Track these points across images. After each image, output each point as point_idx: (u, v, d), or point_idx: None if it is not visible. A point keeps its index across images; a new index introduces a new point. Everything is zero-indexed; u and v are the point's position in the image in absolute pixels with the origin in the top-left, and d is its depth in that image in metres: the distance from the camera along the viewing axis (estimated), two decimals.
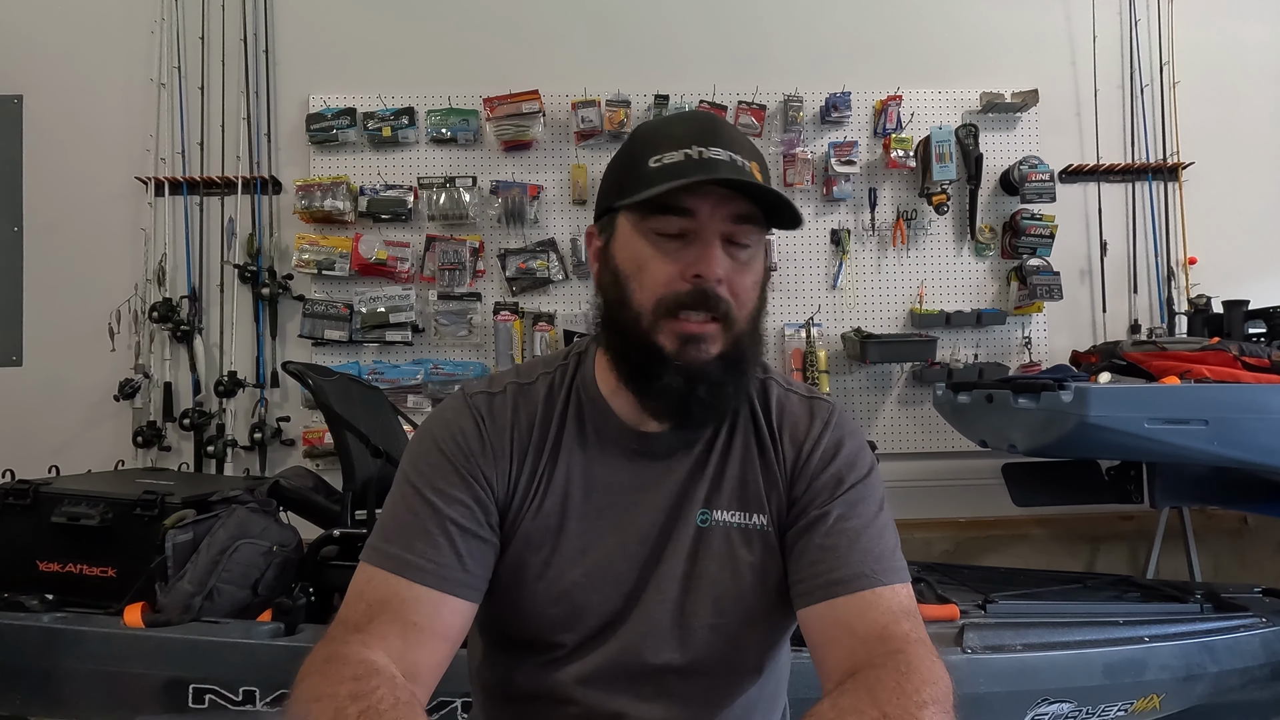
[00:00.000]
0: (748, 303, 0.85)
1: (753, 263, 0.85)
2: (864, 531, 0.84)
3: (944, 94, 3.17)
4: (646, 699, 0.87)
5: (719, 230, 0.82)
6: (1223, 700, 1.88)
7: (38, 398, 3.00)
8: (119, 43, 3.06)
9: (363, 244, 2.96)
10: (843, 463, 0.89)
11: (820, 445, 0.90)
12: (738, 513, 0.89)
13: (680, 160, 0.81)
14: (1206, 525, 2.98)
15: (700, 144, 0.82)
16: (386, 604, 0.79)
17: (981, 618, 1.92)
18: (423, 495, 0.84)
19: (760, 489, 0.90)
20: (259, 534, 1.94)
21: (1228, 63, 3.24)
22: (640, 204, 0.82)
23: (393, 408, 2.53)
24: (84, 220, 3.04)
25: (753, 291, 0.86)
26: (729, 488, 0.90)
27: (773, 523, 0.89)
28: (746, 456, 0.91)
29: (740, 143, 0.85)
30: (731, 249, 0.83)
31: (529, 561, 0.86)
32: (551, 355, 0.98)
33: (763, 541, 0.88)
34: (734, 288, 0.83)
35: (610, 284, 0.87)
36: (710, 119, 0.87)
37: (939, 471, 3.08)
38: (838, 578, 0.81)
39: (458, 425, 0.88)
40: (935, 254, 3.14)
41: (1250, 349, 2.20)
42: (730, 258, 0.83)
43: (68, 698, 1.74)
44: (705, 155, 0.81)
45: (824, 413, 0.93)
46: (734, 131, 0.87)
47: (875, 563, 0.82)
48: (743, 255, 0.84)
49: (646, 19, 3.16)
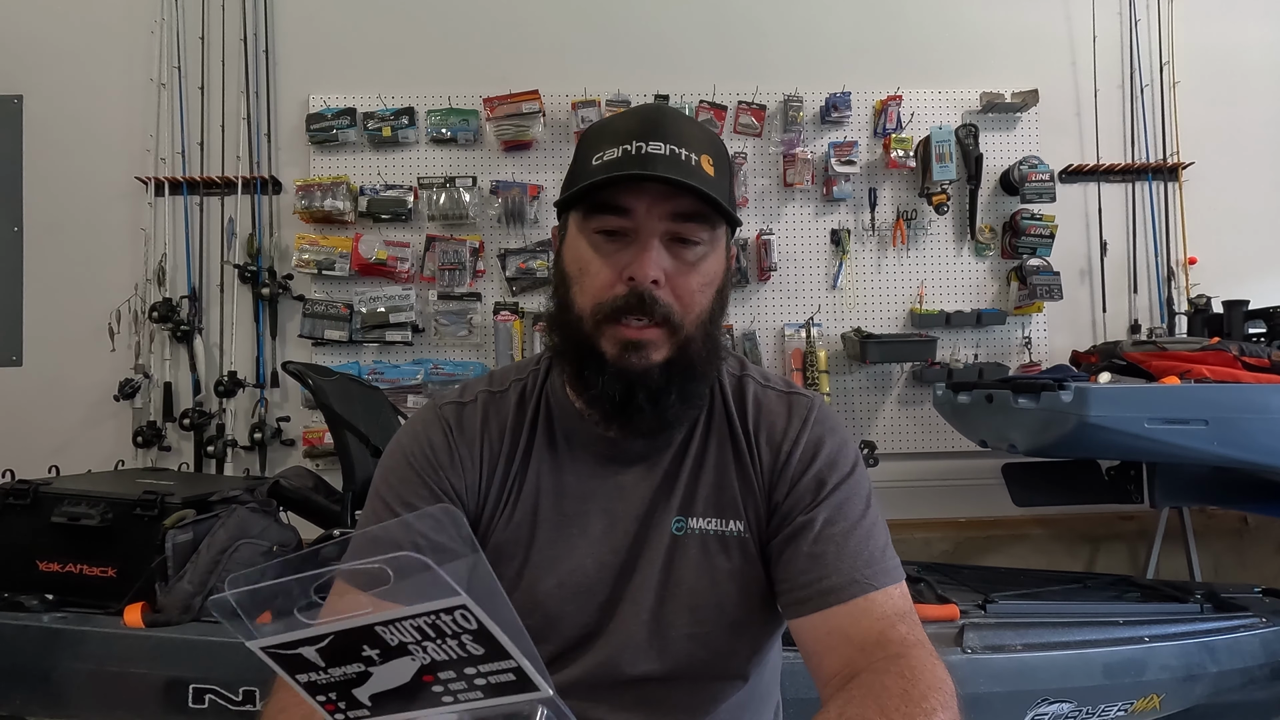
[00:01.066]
0: (695, 306, 0.81)
1: (702, 263, 0.81)
2: (852, 534, 0.81)
3: (944, 94, 3.17)
4: (627, 708, 0.85)
5: (659, 228, 0.78)
6: (1223, 700, 1.88)
7: (38, 398, 3.00)
8: (119, 43, 3.06)
9: (363, 244, 2.96)
10: (824, 463, 0.86)
11: (799, 445, 0.87)
12: (714, 519, 0.86)
13: (618, 157, 0.77)
14: (1206, 525, 2.98)
15: (640, 138, 0.77)
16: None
17: (981, 618, 1.92)
18: (392, 509, 0.83)
19: (736, 494, 0.87)
20: (259, 534, 1.94)
21: (1228, 63, 3.24)
22: (582, 203, 0.79)
23: (393, 408, 2.53)
24: (84, 220, 3.04)
25: (702, 294, 0.81)
26: (704, 494, 0.87)
27: (750, 529, 0.86)
28: (721, 461, 0.88)
29: (689, 135, 0.80)
30: (677, 248, 0.80)
31: (502, 573, 0.84)
32: (525, 361, 0.95)
33: (741, 548, 0.86)
34: (677, 290, 0.79)
35: (559, 284, 0.85)
36: (656, 111, 0.83)
37: (939, 471, 3.08)
38: (829, 586, 0.79)
39: (426, 437, 0.87)
40: (935, 254, 3.14)
41: (1250, 349, 2.19)
42: (675, 258, 0.79)
43: (68, 698, 1.75)
44: (643, 150, 0.77)
45: (802, 409, 0.89)
46: (684, 123, 0.82)
47: (866, 567, 0.80)
48: (689, 255, 0.80)
49: (646, 19, 3.16)
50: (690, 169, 0.77)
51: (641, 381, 0.79)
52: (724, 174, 0.82)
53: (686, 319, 0.80)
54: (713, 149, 0.82)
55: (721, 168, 0.81)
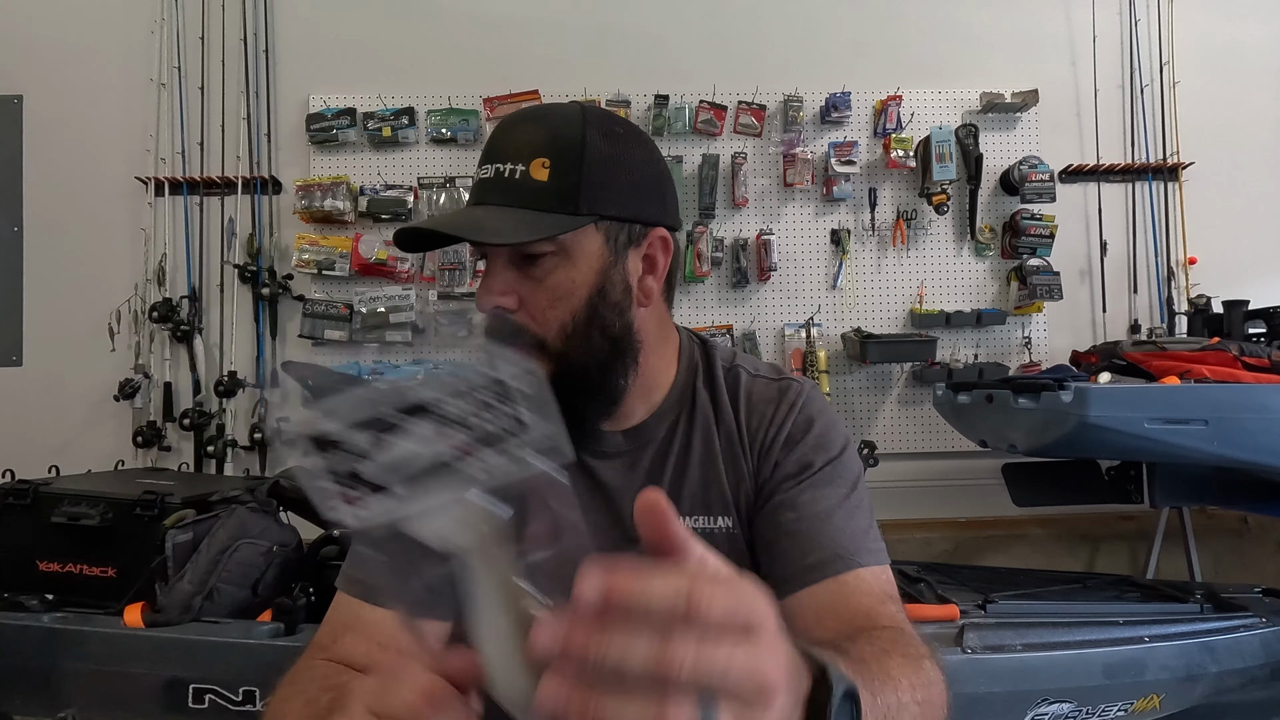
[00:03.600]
0: (554, 320, 0.78)
1: (551, 276, 0.78)
2: (835, 512, 0.80)
3: (944, 94, 3.16)
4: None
5: (501, 252, 0.77)
6: (1223, 700, 1.88)
7: (38, 398, 3.00)
8: (119, 43, 3.06)
9: (363, 244, 2.96)
10: (811, 443, 0.85)
11: (786, 426, 0.86)
12: (701, 517, 0.85)
13: (472, 184, 0.80)
14: (1206, 525, 2.98)
15: (486, 159, 0.79)
16: (350, 627, 0.78)
17: (981, 618, 1.92)
18: None
19: (725, 489, 0.86)
20: (259, 534, 1.94)
21: (1228, 63, 3.24)
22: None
23: None
24: (84, 220, 3.04)
25: (556, 307, 0.78)
26: (690, 491, 0.86)
27: (740, 523, 0.85)
28: (708, 455, 0.87)
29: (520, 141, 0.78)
30: (527, 266, 0.78)
31: None
32: None
33: (729, 545, 0.84)
34: (530, 308, 0.78)
35: None
36: (508, 122, 0.81)
37: (939, 471, 3.08)
38: (812, 562, 0.78)
39: None
40: (935, 254, 3.14)
41: (1250, 349, 2.19)
42: (526, 276, 0.78)
43: (68, 698, 1.74)
44: (482, 177, 0.78)
45: (793, 393, 0.89)
46: (522, 128, 0.79)
47: (850, 542, 0.79)
48: (535, 271, 0.78)
49: (646, 19, 3.16)
50: (510, 185, 0.76)
51: None
52: (570, 167, 0.76)
53: (548, 337, 0.78)
54: (553, 143, 0.77)
55: (566, 159, 0.76)
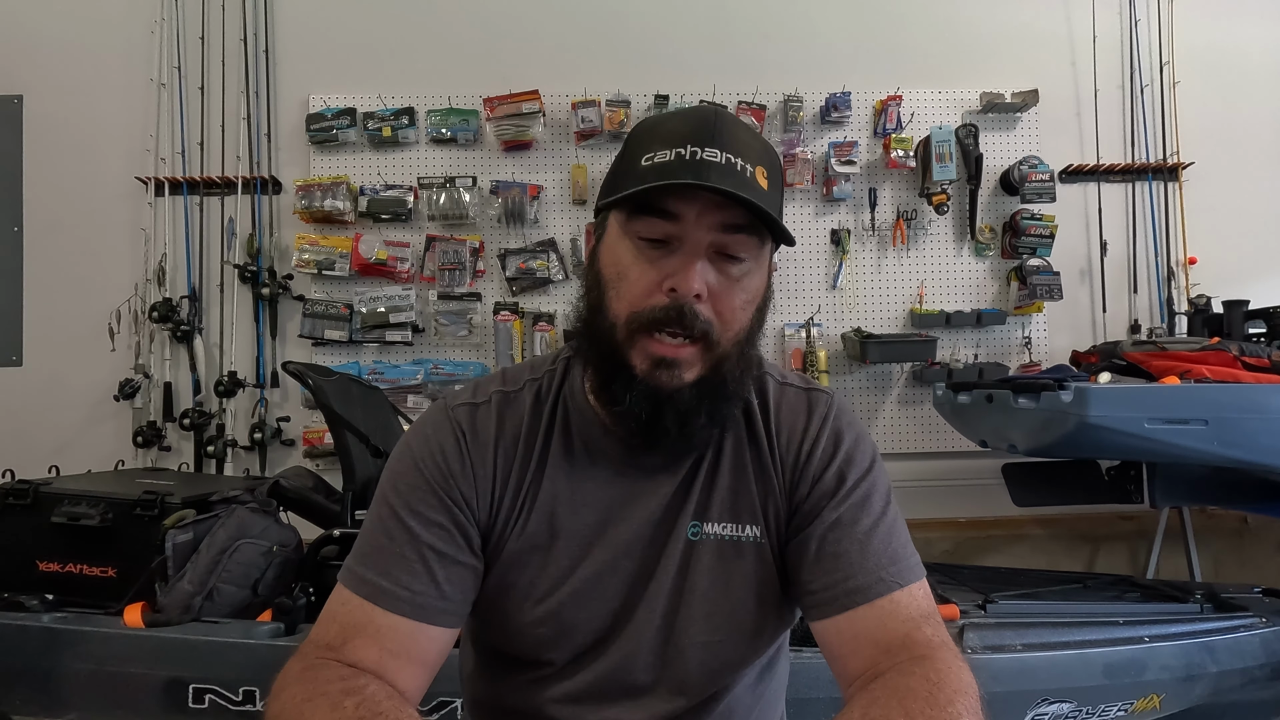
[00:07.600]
0: (735, 324, 0.77)
1: (746, 279, 0.77)
2: (874, 532, 0.80)
3: (944, 94, 3.16)
4: (637, 715, 0.84)
5: (706, 239, 0.74)
6: (1223, 700, 1.88)
7: (38, 398, 3.00)
8: (119, 43, 3.06)
9: (363, 244, 2.96)
10: (843, 459, 0.84)
11: (820, 443, 0.85)
12: (729, 524, 0.84)
13: (670, 160, 0.73)
14: (1206, 525, 2.98)
15: (695, 143, 0.73)
16: (362, 629, 0.76)
17: (981, 618, 1.93)
18: (400, 518, 0.79)
19: (754, 498, 0.85)
20: (259, 534, 1.94)
21: (1228, 63, 3.24)
22: (626, 204, 0.76)
23: (393, 408, 2.53)
24: (84, 220, 3.04)
25: (743, 312, 0.78)
26: (720, 497, 0.85)
27: (768, 533, 0.84)
28: (739, 464, 0.86)
29: (745, 144, 0.76)
30: (722, 262, 0.76)
31: (515, 582, 0.82)
32: (540, 359, 0.92)
33: (756, 553, 0.84)
34: (719, 306, 0.76)
35: (592, 286, 0.81)
36: (712, 115, 0.78)
37: (939, 471, 3.08)
38: (853, 586, 0.77)
39: (437, 442, 0.83)
40: (935, 254, 3.14)
41: (1250, 349, 2.19)
42: (720, 272, 0.76)
43: (68, 698, 1.74)
44: (698, 156, 0.73)
45: (823, 406, 0.88)
46: (740, 130, 0.78)
47: (890, 564, 0.78)
48: (734, 270, 0.76)
49: (646, 19, 3.16)
50: (744, 180, 0.73)
51: (671, 401, 0.76)
52: (776, 188, 0.78)
53: (724, 337, 0.77)
54: (767, 160, 0.78)
55: (774, 181, 0.77)
